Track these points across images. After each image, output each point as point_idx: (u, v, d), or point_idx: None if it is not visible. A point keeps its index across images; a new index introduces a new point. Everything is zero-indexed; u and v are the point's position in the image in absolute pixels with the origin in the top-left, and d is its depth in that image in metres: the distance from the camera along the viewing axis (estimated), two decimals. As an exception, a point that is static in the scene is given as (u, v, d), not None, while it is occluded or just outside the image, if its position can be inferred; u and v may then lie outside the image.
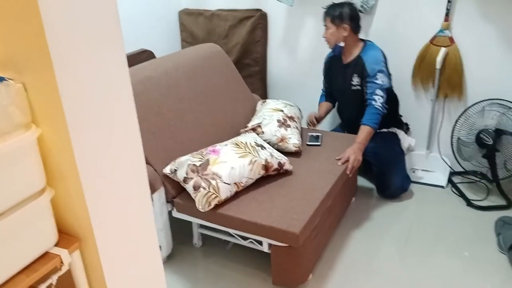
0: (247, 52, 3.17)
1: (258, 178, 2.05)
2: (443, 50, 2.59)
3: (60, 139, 0.87)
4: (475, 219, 2.44)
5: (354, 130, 2.62)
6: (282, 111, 2.50)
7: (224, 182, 1.91)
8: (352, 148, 2.32)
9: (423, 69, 2.72)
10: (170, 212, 2.06)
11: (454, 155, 2.65)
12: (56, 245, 0.95)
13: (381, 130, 2.61)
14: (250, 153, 2.05)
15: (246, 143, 2.12)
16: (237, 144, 2.09)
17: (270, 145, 2.30)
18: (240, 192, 1.99)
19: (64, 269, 0.95)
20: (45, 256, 0.93)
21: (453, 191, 2.70)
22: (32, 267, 0.90)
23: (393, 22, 2.73)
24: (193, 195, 1.91)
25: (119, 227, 1.03)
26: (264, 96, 3.24)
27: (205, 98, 2.42)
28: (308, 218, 1.82)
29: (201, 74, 2.49)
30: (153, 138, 2.05)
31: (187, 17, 3.29)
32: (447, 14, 2.55)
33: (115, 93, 0.95)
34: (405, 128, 2.73)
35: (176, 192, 2.04)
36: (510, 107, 2.44)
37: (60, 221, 0.98)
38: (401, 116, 2.73)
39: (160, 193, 2.03)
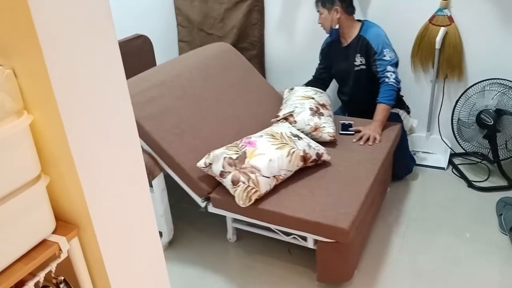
0: (244, 35, 3.13)
1: (296, 170, 1.97)
2: (442, 30, 2.56)
3: (53, 125, 0.86)
4: (476, 200, 2.44)
5: (356, 111, 2.61)
6: (313, 98, 2.40)
7: (263, 176, 1.82)
8: (369, 127, 2.31)
9: (422, 49, 2.69)
10: (206, 208, 1.99)
11: (455, 136, 2.63)
12: (54, 232, 0.94)
13: None
14: (287, 144, 1.95)
15: (281, 133, 2.02)
16: (272, 135, 1.99)
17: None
18: (279, 185, 1.90)
19: (63, 256, 0.94)
20: (43, 243, 0.92)
21: (454, 173, 2.70)
22: (30, 255, 0.89)
23: (391, 2, 2.69)
24: (231, 190, 1.84)
25: (117, 213, 1.02)
26: (262, 80, 3.21)
27: (223, 95, 2.36)
28: (356, 212, 1.74)
29: (215, 73, 2.44)
30: (176, 139, 1.99)
31: (182, 0, 3.24)
32: (446, -7, 2.51)
33: (107, 77, 0.93)
34: (407, 109, 2.71)
35: (211, 187, 1.96)
36: (511, 87, 2.42)
37: (57, 208, 0.97)
38: (402, 96, 2.71)
39: (160, 179, 2.02)
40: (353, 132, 2.35)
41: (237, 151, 1.89)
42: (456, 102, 2.60)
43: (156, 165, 2.00)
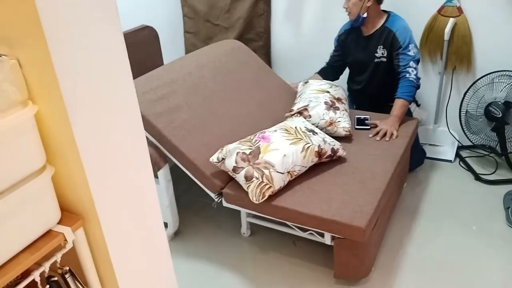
0: (250, 26, 3.11)
1: (310, 166, 1.92)
2: (451, 21, 2.52)
3: (58, 115, 0.86)
4: (483, 193, 2.42)
5: (365, 103, 2.58)
6: (328, 92, 2.34)
7: (277, 171, 1.78)
8: (386, 122, 2.26)
9: (430, 41, 2.65)
10: (220, 203, 1.95)
11: (463, 128, 2.61)
12: (59, 223, 0.95)
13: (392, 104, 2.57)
14: (301, 139, 1.90)
15: (296, 128, 1.97)
16: (286, 130, 1.94)
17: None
18: (293, 181, 1.86)
19: (68, 246, 0.95)
20: (48, 234, 0.92)
21: (461, 165, 2.68)
22: (36, 245, 0.90)
23: (400, -7, 2.65)
24: (245, 186, 1.80)
25: (121, 204, 1.02)
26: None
27: (235, 92, 2.33)
28: (372, 210, 1.70)
29: (226, 70, 2.41)
30: (188, 135, 1.97)
31: (188, -9, 3.22)
32: (456, -17, 2.47)
33: (112, 68, 0.92)
34: (417, 102, 2.68)
35: (223, 183, 1.93)
36: (521, 79, 2.39)
37: (62, 199, 0.97)
38: None
39: (165, 171, 2.03)
40: (369, 127, 2.29)
41: (251, 146, 1.86)
42: (465, 94, 2.57)
43: (162, 156, 2.00)
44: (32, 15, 0.77)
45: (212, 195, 1.95)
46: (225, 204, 1.94)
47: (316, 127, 2.15)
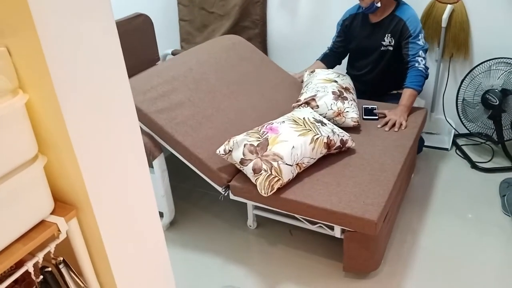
0: (246, 14, 3.07)
1: (319, 158, 1.89)
2: (449, 7, 2.50)
3: (49, 104, 0.84)
4: (479, 181, 2.43)
5: (363, 90, 2.55)
6: (335, 81, 2.28)
7: (286, 164, 1.74)
8: (395, 112, 2.22)
9: (428, 28, 2.63)
10: (228, 196, 1.92)
11: (459, 116, 2.60)
12: (53, 213, 0.94)
13: (392, 92, 2.56)
14: (310, 130, 1.86)
15: (304, 119, 1.92)
16: (295, 121, 1.90)
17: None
18: (302, 174, 1.82)
19: (62, 237, 0.94)
20: (41, 224, 0.92)
21: (457, 153, 2.68)
22: (29, 236, 0.89)
23: (397, -21, 2.62)
24: (253, 179, 1.77)
25: (116, 194, 1.01)
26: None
27: (237, 86, 2.30)
28: (383, 202, 1.67)
29: (227, 64, 2.39)
30: (191, 130, 1.96)
31: (183, -22, 3.18)
32: (454, -31, 2.44)
33: (104, 55, 0.90)
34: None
35: (230, 175, 1.89)
36: (518, 66, 2.37)
37: (55, 189, 0.96)
38: None
39: (160, 160, 2.01)
40: (377, 117, 2.26)
41: (259, 138, 1.81)
42: (462, 81, 2.56)
43: (156, 145, 1.99)
44: (22, 3, 0.75)
45: (219, 188, 1.92)
46: (232, 197, 1.90)
47: (324, 117, 2.11)
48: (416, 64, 2.29)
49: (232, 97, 2.22)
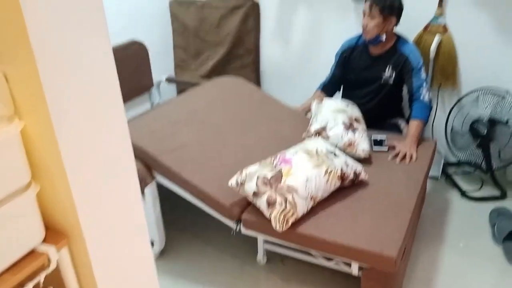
0: (240, 42, 3.13)
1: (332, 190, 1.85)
2: (436, 38, 2.57)
3: (44, 132, 0.84)
4: (469, 210, 2.44)
5: (364, 120, 2.57)
6: (345, 111, 2.26)
7: (300, 197, 1.69)
8: (404, 144, 2.21)
9: (417, 58, 2.70)
10: (240, 231, 1.86)
11: (448, 145, 2.64)
12: (43, 241, 0.92)
13: (389, 121, 2.59)
14: (324, 162, 1.81)
15: (317, 150, 1.87)
16: (307, 152, 1.85)
17: None
18: (316, 207, 1.77)
19: (52, 266, 0.92)
20: (31, 253, 0.90)
21: (447, 182, 2.70)
22: (19, 265, 0.87)
23: (387, 11, 2.69)
24: (266, 212, 1.71)
25: (108, 222, 0.99)
26: (257, 86, 3.20)
27: (243, 124, 2.32)
28: (402, 238, 1.62)
29: (232, 104, 2.43)
30: (198, 168, 1.95)
31: (178, 7, 3.24)
32: (440, 1, 2.52)
33: (100, 84, 0.91)
34: (406, 119, 2.70)
35: (241, 209, 1.83)
36: (504, 96, 2.43)
37: (47, 217, 0.94)
38: (402, 106, 2.70)
39: (152, 188, 2.00)
40: (386, 149, 2.24)
41: (272, 170, 1.76)
42: (450, 111, 2.61)
43: (149, 172, 1.98)
44: (21, 30, 0.76)
45: (230, 223, 1.87)
46: (244, 231, 1.85)
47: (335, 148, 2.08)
48: (421, 97, 2.32)
49: (238, 134, 2.23)
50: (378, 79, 2.47)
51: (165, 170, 1.93)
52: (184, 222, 2.37)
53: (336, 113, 2.23)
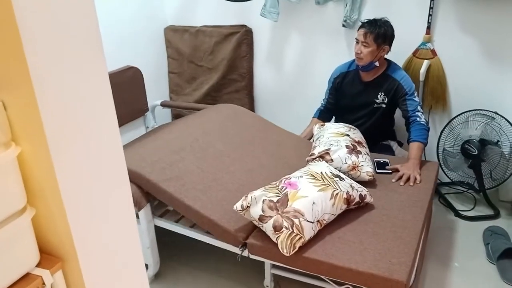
0: (233, 67, 3.19)
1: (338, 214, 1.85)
2: (425, 63, 2.64)
3: (41, 157, 0.86)
4: (463, 230, 2.45)
5: None
6: (348, 135, 2.28)
7: (307, 220, 1.67)
8: (407, 166, 2.22)
9: (407, 81, 2.76)
10: (248, 256, 1.83)
11: (441, 165, 2.67)
12: (38, 265, 0.93)
13: (382, 143, 2.63)
14: (329, 185, 1.81)
15: (322, 173, 1.88)
16: (312, 175, 1.85)
17: None
18: (322, 231, 1.76)
19: (46, 290, 0.92)
20: (26, 277, 0.90)
21: (440, 202, 2.72)
22: (12, 289, 0.87)
23: (376, 36, 2.77)
24: (273, 237, 1.69)
25: (102, 246, 1.00)
26: (251, 110, 3.25)
27: (244, 149, 2.34)
28: (410, 262, 1.60)
29: (232, 131, 2.46)
30: (201, 194, 1.95)
31: (172, 33, 3.31)
32: (428, 27, 2.60)
33: (96, 109, 0.94)
34: (399, 141, 2.73)
35: (246, 233, 1.82)
36: (493, 117, 2.48)
37: (41, 240, 0.95)
38: (394, 128, 2.74)
39: (147, 211, 2.01)
40: (390, 171, 2.24)
41: (278, 193, 1.74)
42: (441, 132, 2.65)
43: (143, 195, 1.99)
44: (19, 57, 0.79)
45: (236, 249, 1.84)
46: (250, 256, 1.82)
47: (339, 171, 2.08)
48: (418, 119, 2.35)
49: (240, 160, 2.24)
50: (371, 104, 2.51)
51: (168, 196, 1.92)
52: (181, 245, 2.36)
53: (338, 137, 2.26)
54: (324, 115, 2.71)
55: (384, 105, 2.49)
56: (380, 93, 2.48)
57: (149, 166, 2.02)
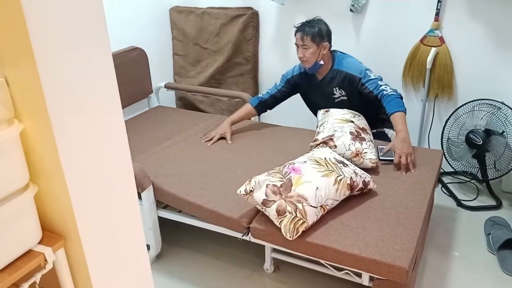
0: (239, 50, 3.16)
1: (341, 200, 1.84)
2: (433, 50, 2.60)
3: (43, 134, 0.86)
4: (465, 219, 2.45)
5: None
6: (352, 122, 2.25)
7: (311, 205, 1.68)
8: (398, 141, 2.17)
9: (413, 69, 2.73)
10: (249, 240, 1.85)
11: (444, 155, 2.66)
12: (40, 242, 0.93)
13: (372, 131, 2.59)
14: (333, 171, 1.80)
15: (326, 159, 1.87)
16: (316, 161, 1.84)
17: None
18: (325, 216, 1.76)
19: (48, 267, 0.93)
20: (28, 254, 0.91)
21: (443, 191, 2.72)
22: (15, 265, 0.88)
23: (383, 22, 2.74)
24: (276, 221, 1.69)
25: (104, 225, 1.01)
26: (256, 94, 3.23)
27: (247, 149, 2.38)
28: (413, 249, 1.61)
29: (233, 136, 2.52)
30: (204, 191, 1.99)
31: (178, 14, 3.27)
32: (437, 14, 2.56)
33: (99, 87, 0.93)
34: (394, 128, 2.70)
35: (249, 218, 1.83)
36: (500, 107, 2.46)
37: (44, 218, 0.96)
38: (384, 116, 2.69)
39: (149, 192, 2.01)
40: (393, 158, 2.19)
41: (281, 178, 1.75)
42: (446, 121, 2.63)
43: (146, 177, 1.99)
44: (22, 35, 0.78)
45: (238, 234, 1.86)
46: (252, 239, 1.83)
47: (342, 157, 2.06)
48: (385, 92, 2.30)
49: (242, 160, 2.27)
50: (332, 100, 2.48)
51: (171, 197, 2.00)
52: (182, 229, 2.38)
53: (343, 123, 2.24)
54: (263, 105, 2.59)
55: (345, 97, 2.45)
56: (334, 88, 2.44)
57: (152, 175, 2.09)
